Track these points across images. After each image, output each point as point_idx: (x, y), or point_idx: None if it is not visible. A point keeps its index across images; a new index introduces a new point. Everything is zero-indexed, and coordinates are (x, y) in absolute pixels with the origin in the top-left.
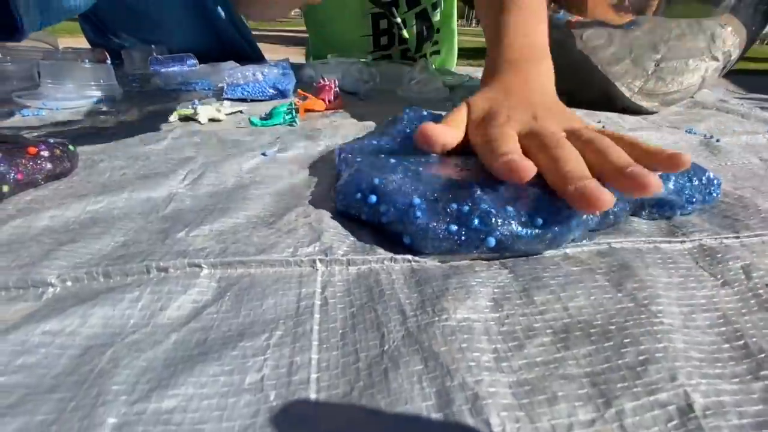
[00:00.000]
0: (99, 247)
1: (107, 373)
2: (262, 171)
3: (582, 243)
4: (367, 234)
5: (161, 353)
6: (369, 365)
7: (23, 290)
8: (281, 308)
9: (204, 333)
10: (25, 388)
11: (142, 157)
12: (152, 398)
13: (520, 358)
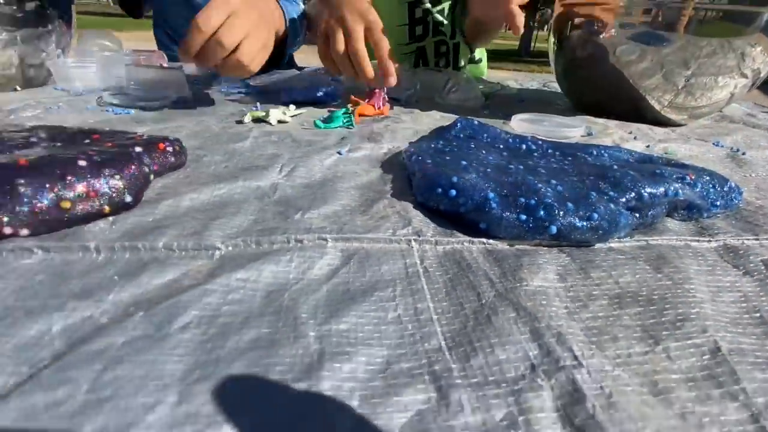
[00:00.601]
0: (239, 222)
1: (292, 307)
2: (340, 167)
3: (624, 239)
4: (445, 221)
5: (322, 297)
6: (474, 312)
7: (197, 251)
8: (395, 272)
9: (345, 286)
10: (244, 313)
11: (234, 153)
12: (331, 322)
13: (586, 313)
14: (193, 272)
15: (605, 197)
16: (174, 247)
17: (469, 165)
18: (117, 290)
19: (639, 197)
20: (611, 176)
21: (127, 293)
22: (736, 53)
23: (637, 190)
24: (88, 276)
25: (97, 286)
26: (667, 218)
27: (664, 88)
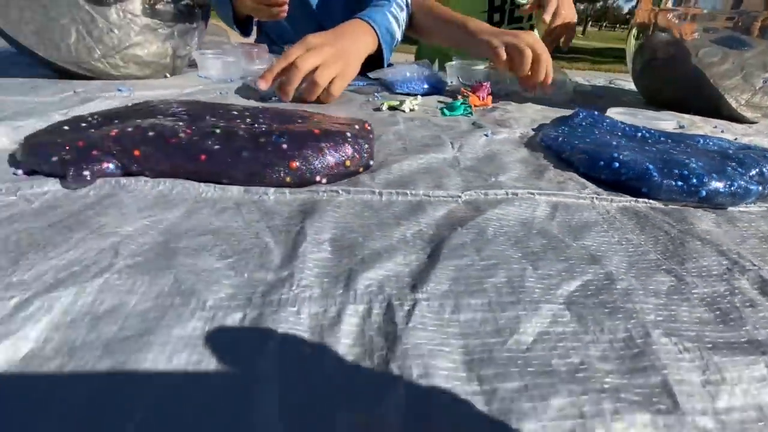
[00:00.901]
0: (455, 182)
1: (544, 232)
2: (494, 147)
3: (750, 205)
4: (608, 188)
5: (557, 227)
6: (668, 241)
7: (447, 198)
8: (594, 218)
9: (567, 222)
10: (517, 231)
11: (400, 134)
12: (581, 240)
13: (747, 244)
14: (455, 210)
15: (736, 172)
16: (430, 195)
17: (619, 144)
18: (416, 219)
19: (761, 173)
20: (734, 156)
21: (424, 221)
22: None
23: (759, 167)
24: (389, 209)
25: (403, 215)
26: None
27: (743, 88)
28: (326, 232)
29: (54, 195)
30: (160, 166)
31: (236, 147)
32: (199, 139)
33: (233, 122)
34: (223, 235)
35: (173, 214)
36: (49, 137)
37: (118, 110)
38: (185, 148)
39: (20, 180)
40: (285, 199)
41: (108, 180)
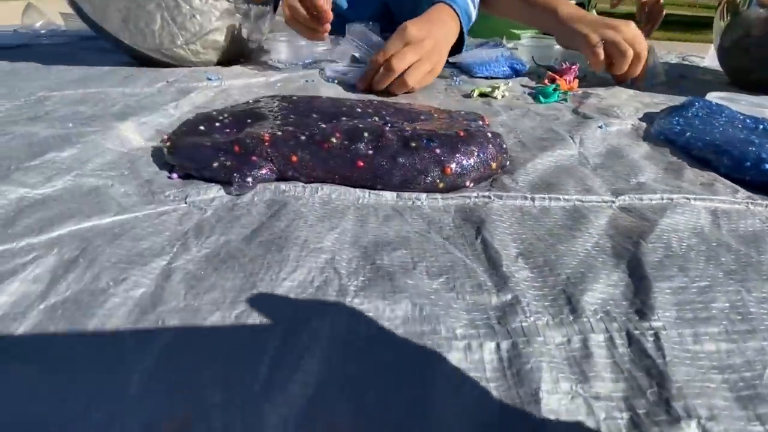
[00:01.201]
0: (597, 185)
1: (714, 237)
2: (613, 141)
3: None
4: (750, 188)
5: (721, 234)
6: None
7: (599, 203)
8: (763, 226)
9: (726, 229)
10: (691, 234)
11: (507, 126)
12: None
13: None
14: (617, 218)
15: None
16: (583, 200)
17: (758, 143)
18: (585, 228)
19: None
20: None
21: (595, 231)
22: None
23: None
24: (548, 216)
25: (567, 223)
26: None
27: None
28: (511, 247)
29: (221, 202)
30: (316, 172)
31: (390, 152)
32: (350, 144)
33: (370, 121)
34: (411, 248)
35: (348, 223)
36: (195, 139)
37: (242, 109)
38: (341, 154)
39: (177, 184)
40: (438, 205)
41: (267, 186)
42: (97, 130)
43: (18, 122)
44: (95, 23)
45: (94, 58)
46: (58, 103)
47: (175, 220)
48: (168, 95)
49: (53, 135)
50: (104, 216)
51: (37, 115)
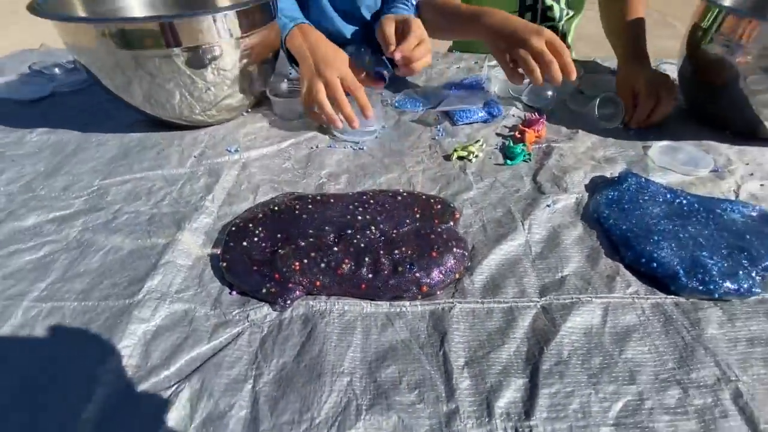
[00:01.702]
0: (536, 277)
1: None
2: (555, 221)
3: (747, 299)
4: (646, 279)
5: (623, 325)
6: (686, 346)
7: (529, 303)
8: (637, 320)
9: (629, 320)
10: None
11: (474, 203)
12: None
13: (742, 334)
14: (537, 319)
15: (746, 270)
16: (518, 302)
17: (660, 236)
18: (513, 332)
19: (765, 269)
20: (749, 245)
21: (518, 335)
22: None
23: (765, 264)
24: (491, 318)
25: (502, 326)
26: None
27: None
28: (461, 358)
29: (271, 318)
30: (333, 291)
31: (384, 276)
32: (356, 269)
33: (368, 227)
34: (398, 362)
35: (358, 337)
36: (244, 261)
37: (270, 221)
38: (350, 279)
39: (237, 302)
40: (417, 311)
41: (299, 302)
42: (165, 242)
43: (96, 230)
44: (118, 96)
45: (122, 116)
46: (117, 199)
47: (246, 342)
48: (201, 179)
49: (135, 250)
50: (202, 344)
51: (108, 220)
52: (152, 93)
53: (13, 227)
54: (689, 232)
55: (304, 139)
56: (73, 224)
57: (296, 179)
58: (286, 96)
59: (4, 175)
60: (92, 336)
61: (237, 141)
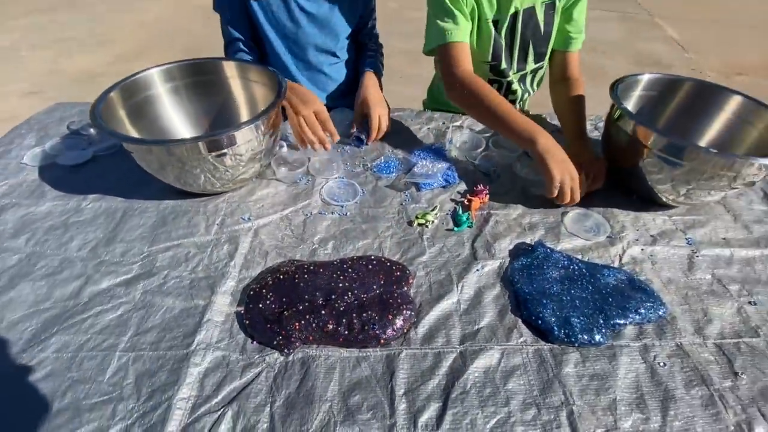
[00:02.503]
0: (460, 329)
1: (501, 382)
2: (482, 282)
3: (601, 346)
4: (538, 331)
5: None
6: (545, 382)
7: (452, 349)
8: (521, 362)
9: (501, 372)
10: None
11: (425, 267)
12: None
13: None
14: (456, 360)
15: (600, 327)
16: (446, 348)
17: (549, 299)
18: (438, 371)
19: (621, 325)
20: (605, 311)
21: (441, 372)
22: (729, 176)
23: (623, 321)
24: (426, 360)
25: (435, 367)
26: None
27: (671, 190)
28: (402, 387)
29: (280, 359)
30: (322, 342)
31: (355, 333)
32: (337, 328)
33: (346, 293)
34: (362, 390)
35: (337, 375)
36: (259, 320)
37: (278, 286)
38: (333, 334)
39: (257, 349)
40: (378, 356)
41: (298, 350)
42: (204, 304)
43: (154, 293)
44: (151, 173)
45: (155, 182)
46: (164, 265)
47: (264, 378)
48: (224, 246)
49: (183, 309)
50: (236, 380)
51: (160, 284)
52: (182, 175)
53: (93, 290)
54: (570, 295)
55: (301, 207)
56: (136, 287)
57: (295, 245)
58: (287, 163)
59: (74, 242)
60: (166, 375)
61: (249, 209)
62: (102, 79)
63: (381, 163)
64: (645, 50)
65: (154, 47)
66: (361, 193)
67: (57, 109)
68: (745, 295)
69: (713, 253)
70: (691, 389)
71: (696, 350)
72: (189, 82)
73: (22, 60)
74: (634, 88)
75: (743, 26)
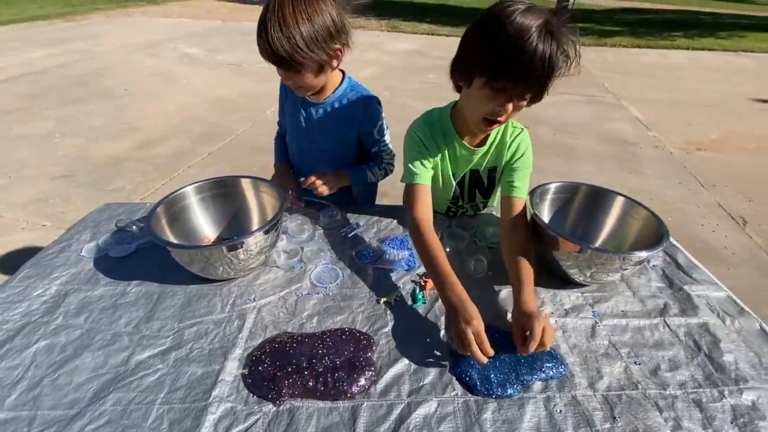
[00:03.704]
0: (409, 386)
1: None
2: (431, 349)
3: (514, 397)
4: (466, 386)
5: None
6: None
7: (401, 401)
8: (450, 410)
9: (434, 418)
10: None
11: (387, 337)
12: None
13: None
14: (403, 410)
15: (512, 383)
16: (398, 401)
17: (474, 362)
18: (390, 419)
19: (529, 381)
20: (517, 371)
21: (392, 418)
22: (620, 259)
23: (531, 378)
24: (381, 409)
25: (388, 416)
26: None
27: (578, 273)
28: (360, 429)
29: (274, 409)
30: (304, 396)
31: (330, 387)
32: (315, 385)
33: (324, 357)
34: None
35: (313, 421)
36: (259, 380)
37: (273, 352)
38: (312, 389)
39: (257, 401)
40: (345, 406)
41: (287, 402)
42: (218, 368)
43: (183, 361)
44: (182, 265)
45: (183, 270)
46: (190, 338)
47: (261, 422)
48: (234, 322)
49: (203, 373)
50: (240, 425)
51: (187, 353)
52: (205, 267)
53: (138, 359)
54: (493, 357)
55: (294, 289)
56: (169, 356)
57: (288, 320)
58: (285, 252)
59: (122, 319)
60: (190, 421)
61: (254, 291)
62: (126, 163)
63: (359, 252)
64: (611, 130)
65: (174, 134)
66: (342, 277)
67: (106, 209)
68: (632, 357)
69: (612, 323)
70: (578, 429)
71: (586, 400)
72: (214, 193)
73: (54, 146)
74: (547, 193)
75: (702, 105)
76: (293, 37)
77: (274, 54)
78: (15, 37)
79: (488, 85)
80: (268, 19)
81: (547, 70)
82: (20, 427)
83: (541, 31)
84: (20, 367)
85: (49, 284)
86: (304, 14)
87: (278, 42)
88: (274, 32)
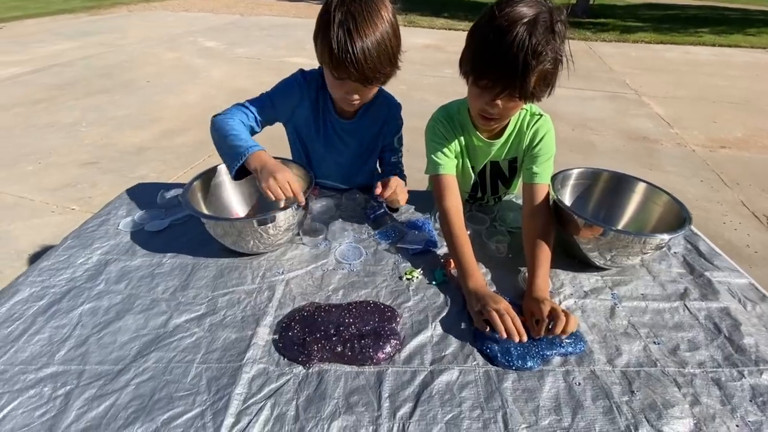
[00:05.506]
0: (432, 354)
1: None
2: (449, 321)
3: (535, 369)
4: (488, 357)
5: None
6: (486, 399)
7: (425, 368)
8: (472, 379)
9: (457, 385)
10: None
11: (409, 310)
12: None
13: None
14: (426, 377)
15: (532, 355)
16: (420, 368)
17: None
18: (415, 383)
19: (549, 355)
20: (538, 346)
21: (416, 382)
22: (640, 242)
23: (550, 352)
24: (405, 374)
25: (414, 379)
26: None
27: (599, 257)
28: (386, 392)
29: (304, 371)
30: (333, 360)
31: (357, 353)
32: (344, 350)
33: (350, 326)
34: (360, 393)
35: (341, 383)
36: (289, 344)
37: (302, 318)
38: (341, 354)
39: (287, 363)
40: (372, 371)
41: (316, 365)
42: (251, 333)
43: (217, 326)
44: (215, 237)
45: (215, 244)
46: (223, 305)
47: (292, 383)
48: (265, 293)
49: (237, 337)
50: (272, 384)
51: (221, 319)
52: (237, 240)
53: (176, 323)
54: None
55: (320, 264)
56: (204, 321)
57: (315, 292)
58: (311, 232)
59: (159, 287)
60: (226, 379)
61: (282, 265)
62: (149, 152)
63: (381, 232)
64: (632, 126)
65: (195, 125)
66: (365, 255)
67: (139, 188)
68: (651, 337)
69: (631, 305)
70: (597, 401)
71: (605, 375)
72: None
73: (80, 135)
74: (569, 178)
75: (727, 103)
76: (375, 56)
77: (360, 73)
78: (41, 30)
79: (475, 83)
80: (348, 35)
81: (522, 71)
82: (71, 378)
83: (521, 31)
84: (68, 326)
85: (91, 254)
86: (376, 27)
87: (369, 62)
88: (361, 53)
